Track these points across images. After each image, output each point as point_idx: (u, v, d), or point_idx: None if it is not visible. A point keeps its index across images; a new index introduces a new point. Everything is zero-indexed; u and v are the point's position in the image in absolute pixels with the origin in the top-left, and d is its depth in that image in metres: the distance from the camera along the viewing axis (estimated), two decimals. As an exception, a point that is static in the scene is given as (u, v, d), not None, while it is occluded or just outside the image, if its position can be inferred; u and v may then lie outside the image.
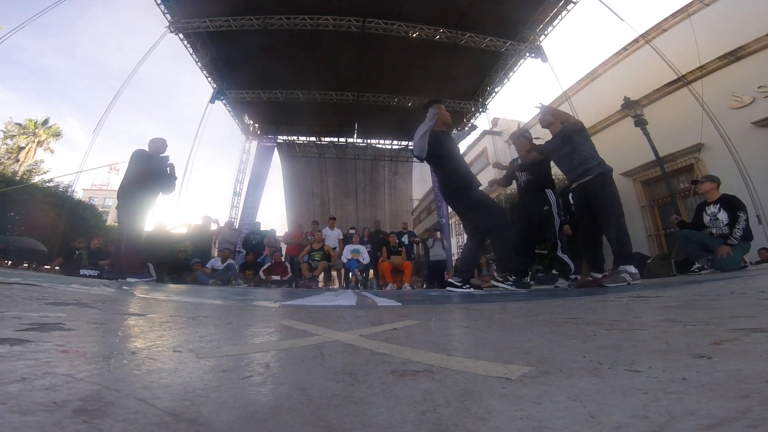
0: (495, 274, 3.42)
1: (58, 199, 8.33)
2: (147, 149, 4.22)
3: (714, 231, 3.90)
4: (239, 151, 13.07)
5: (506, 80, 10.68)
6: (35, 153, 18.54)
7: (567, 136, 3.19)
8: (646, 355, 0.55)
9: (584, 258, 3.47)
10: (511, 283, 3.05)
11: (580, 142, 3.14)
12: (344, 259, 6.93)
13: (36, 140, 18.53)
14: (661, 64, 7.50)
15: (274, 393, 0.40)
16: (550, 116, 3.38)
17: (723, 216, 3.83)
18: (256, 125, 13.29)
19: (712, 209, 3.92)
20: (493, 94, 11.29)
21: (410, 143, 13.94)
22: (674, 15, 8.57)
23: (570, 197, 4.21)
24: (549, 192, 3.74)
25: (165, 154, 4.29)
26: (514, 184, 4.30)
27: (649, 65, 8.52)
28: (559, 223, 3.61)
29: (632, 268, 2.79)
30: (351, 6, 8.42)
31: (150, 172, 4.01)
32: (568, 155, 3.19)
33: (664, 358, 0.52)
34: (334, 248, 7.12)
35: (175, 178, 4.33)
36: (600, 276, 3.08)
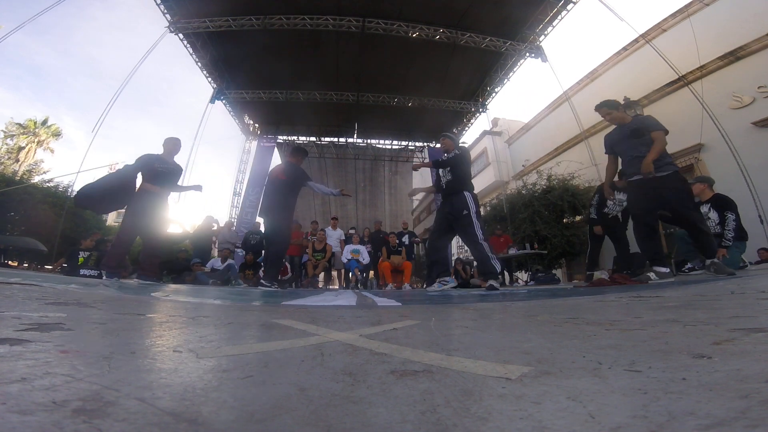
0: (262, 281, 3.93)
1: (58, 199, 8.32)
2: (162, 151, 3.93)
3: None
4: (239, 151, 13.09)
5: (506, 80, 10.67)
6: (35, 153, 18.55)
7: (637, 130, 3.18)
8: (646, 355, 0.55)
9: (644, 253, 3.29)
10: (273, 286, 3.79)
11: (647, 139, 3.12)
12: (344, 259, 6.93)
13: (36, 140, 18.54)
14: (661, 64, 7.50)
15: (273, 393, 0.40)
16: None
17: (714, 215, 3.94)
18: (256, 125, 13.29)
19: (704, 209, 4.02)
20: (493, 94, 11.29)
21: (409, 144, 13.98)
22: (674, 15, 8.57)
23: (597, 197, 4.38)
24: (468, 194, 3.58)
25: (174, 161, 3.99)
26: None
27: (649, 65, 8.51)
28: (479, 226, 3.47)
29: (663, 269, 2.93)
30: (351, 6, 8.41)
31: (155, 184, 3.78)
32: (636, 147, 3.16)
33: (664, 358, 0.52)
34: (335, 248, 7.14)
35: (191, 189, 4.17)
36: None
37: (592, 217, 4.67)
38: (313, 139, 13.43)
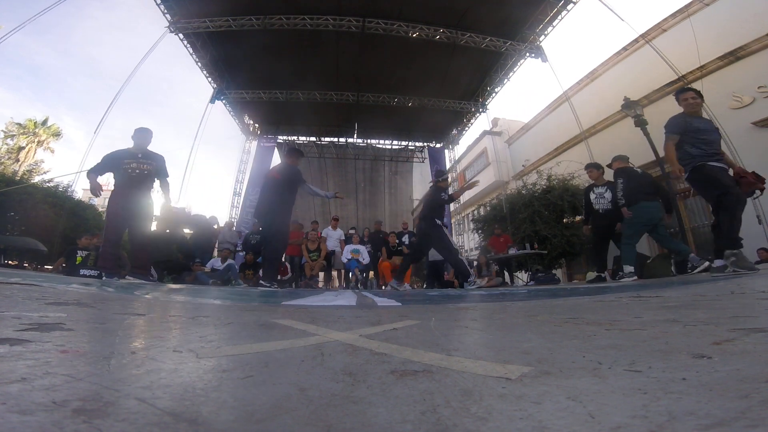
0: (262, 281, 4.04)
1: (58, 199, 8.31)
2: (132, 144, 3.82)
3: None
4: (239, 151, 13.10)
5: (506, 80, 10.67)
6: (35, 153, 18.54)
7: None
8: (646, 355, 0.55)
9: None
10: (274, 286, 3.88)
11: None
12: (344, 259, 6.93)
13: (36, 140, 18.53)
14: (661, 64, 7.49)
15: (273, 393, 0.40)
16: None
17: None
18: (256, 125, 13.29)
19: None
20: (493, 94, 11.28)
21: (409, 144, 13.98)
22: (674, 15, 8.56)
23: (592, 194, 4.52)
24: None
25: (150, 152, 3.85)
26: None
27: (649, 65, 8.50)
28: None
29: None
30: (351, 6, 8.41)
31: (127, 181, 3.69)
32: (717, 140, 3.34)
33: (664, 358, 0.52)
34: (336, 248, 7.15)
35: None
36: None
37: (583, 218, 4.99)
38: (313, 139, 13.42)
